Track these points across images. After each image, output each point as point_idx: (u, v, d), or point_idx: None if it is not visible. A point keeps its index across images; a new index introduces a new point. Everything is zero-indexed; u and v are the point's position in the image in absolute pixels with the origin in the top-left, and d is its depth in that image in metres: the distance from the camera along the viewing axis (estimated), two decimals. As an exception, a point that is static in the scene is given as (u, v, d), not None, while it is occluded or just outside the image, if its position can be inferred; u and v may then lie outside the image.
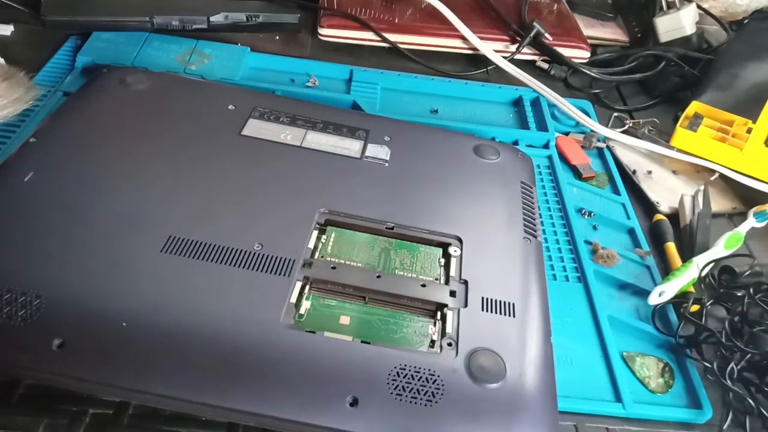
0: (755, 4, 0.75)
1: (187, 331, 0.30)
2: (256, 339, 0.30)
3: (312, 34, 0.64)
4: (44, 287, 0.30)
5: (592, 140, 0.55)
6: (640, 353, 0.39)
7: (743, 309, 0.40)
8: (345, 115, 0.47)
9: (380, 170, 0.42)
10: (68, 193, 0.35)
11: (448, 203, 0.40)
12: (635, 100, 0.65)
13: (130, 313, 0.30)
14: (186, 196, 0.37)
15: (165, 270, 0.32)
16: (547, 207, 0.48)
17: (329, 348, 0.30)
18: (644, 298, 0.41)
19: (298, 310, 0.32)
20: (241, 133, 0.42)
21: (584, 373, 0.37)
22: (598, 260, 0.44)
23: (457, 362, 0.31)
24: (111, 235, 0.33)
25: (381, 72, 0.59)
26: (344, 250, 0.36)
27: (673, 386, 0.37)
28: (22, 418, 0.30)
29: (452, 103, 0.56)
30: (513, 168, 0.45)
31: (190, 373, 0.28)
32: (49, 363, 0.28)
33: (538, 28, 0.63)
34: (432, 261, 0.37)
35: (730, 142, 0.52)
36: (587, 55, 0.66)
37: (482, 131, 0.52)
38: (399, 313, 0.34)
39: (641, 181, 0.52)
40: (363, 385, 0.29)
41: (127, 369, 0.28)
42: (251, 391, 0.28)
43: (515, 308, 0.34)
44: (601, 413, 0.35)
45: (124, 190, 0.36)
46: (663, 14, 0.66)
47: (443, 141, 0.46)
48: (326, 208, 0.38)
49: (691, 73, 0.63)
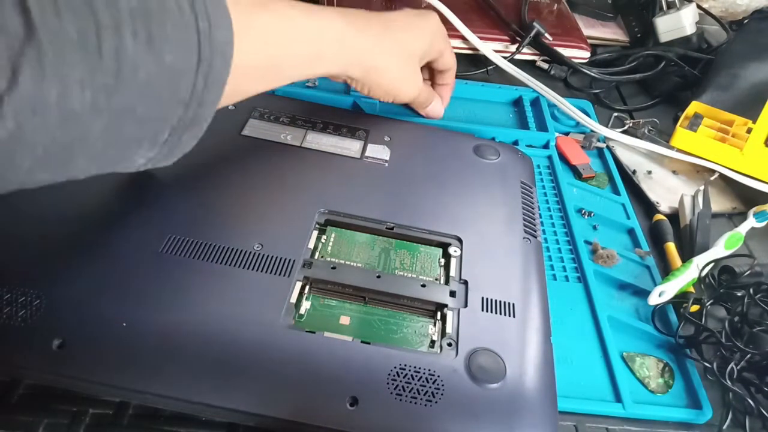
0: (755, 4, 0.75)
1: (187, 331, 0.30)
2: (256, 339, 0.30)
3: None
4: (44, 287, 0.30)
5: (592, 140, 0.55)
6: (640, 353, 0.39)
7: (743, 309, 0.40)
8: (345, 115, 0.48)
9: (380, 170, 0.42)
10: (68, 193, 0.35)
11: (448, 203, 0.40)
12: (635, 100, 0.65)
13: (130, 314, 0.30)
14: (186, 196, 0.37)
15: (165, 270, 0.32)
16: (547, 207, 0.48)
17: (329, 348, 0.30)
18: (644, 298, 0.41)
19: (298, 310, 0.32)
20: (241, 133, 0.42)
21: (584, 373, 0.37)
22: (598, 260, 0.44)
23: (457, 362, 0.31)
24: (111, 235, 0.33)
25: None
26: (344, 250, 0.36)
27: (673, 386, 0.37)
28: (22, 418, 0.30)
29: (452, 103, 0.55)
30: (513, 168, 0.45)
31: (190, 373, 0.28)
32: (49, 363, 0.28)
33: (538, 28, 0.63)
34: (432, 261, 0.37)
35: (730, 142, 0.52)
36: (587, 55, 0.66)
37: (482, 131, 0.52)
38: (399, 313, 0.34)
39: (641, 181, 0.52)
40: (363, 385, 0.29)
41: (127, 369, 0.28)
42: (251, 391, 0.28)
43: (515, 308, 0.34)
44: (601, 413, 0.35)
45: (124, 189, 0.36)
46: (663, 14, 0.66)
47: (443, 141, 0.46)
48: (326, 208, 0.38)
49: (691, 73, 0.63)
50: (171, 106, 0.24)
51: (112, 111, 0.22)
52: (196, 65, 0.24)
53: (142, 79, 0.22)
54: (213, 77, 0.25)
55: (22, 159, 0.21)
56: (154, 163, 0.27)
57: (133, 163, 0.26)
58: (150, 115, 0.24)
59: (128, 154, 0.25)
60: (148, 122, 0.24)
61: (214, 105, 0.26)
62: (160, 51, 0.23)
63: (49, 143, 0.21)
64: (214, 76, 0.25)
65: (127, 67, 0.22)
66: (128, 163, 0.26)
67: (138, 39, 0.22)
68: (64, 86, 0.20)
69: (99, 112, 0.22)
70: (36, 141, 0.21)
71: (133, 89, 0.22)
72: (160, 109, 0.24)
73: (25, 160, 0.21)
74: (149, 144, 0.25)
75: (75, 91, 0.21)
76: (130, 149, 0.25)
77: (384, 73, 0.43)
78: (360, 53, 0.41)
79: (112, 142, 0.24)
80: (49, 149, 0.22)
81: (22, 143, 0.21)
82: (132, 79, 0.22)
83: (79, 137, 0.22)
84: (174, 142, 0.26)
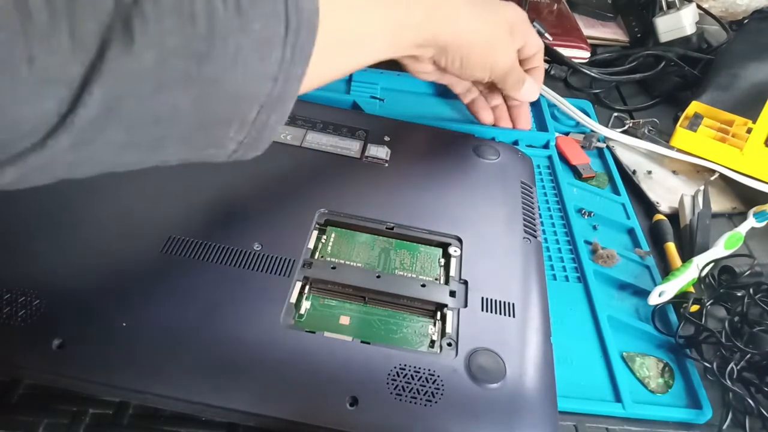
0: (755, 4, 0.75)
1: (187, 331, 0.30)
2: (256, 339, 0.30)
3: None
4: (44, 287, 0.30)
5: (592, 140, 0.55)
6: (640, 353, 0.39)
7: (743, 309, 0.40)
8: (345, 115, 0.48)
9: (380, 170, 0.42)
10: (68, 194, 0.35)
11: (448, 203, 0.40)
12: (635, 100, 0.65)
13: (130, 314, 0.30)
14: (186, 196, 0.37)
15: (165, 270, 0.32)
16: (547, 207, 0.48)
17: (329, 348, 0.30)
18: (644, 298, 0.41)
19: (298, 310, 0.32)
20: (241, 133, 0.42)
21: (584, 373, 0.37)
22: (598, 260, 0.44)
23: (457, 362, 0.31)
24: (111, 235, 0.33)
25: (381, 72, 0.59)
26: (344, 250, 0.36)
27: (673, 386, 0.37)
28: (22, 418, 0.30)
29: (452, 103, 0.56)
30: (513, 168, 0.45)
31: (189, 373, 0.28)
32: (49, 363, 0.28)
33: (538, 28, 0.63)
34: (432, 261, 0.37)
35: (730, 142, 0.52)
36: (587, 55, 0.66)
37: (482, 131, 0.52)
38: (399, 313, 0.34)
39: (641, 181, 0.52)
40: (363, 385, 0.29)
41: (126, 369, 0.28)
42: (251, 391, 0.28)
43: (515, 308, 0.34)
44: (600, 413, 0.35)
45: (124, 190, 0.36)
46: (663, 14, 0.66)
47: (443, 141, 0.46)
48: (326, 208, 0.38)
49: (691, 73, 0.63)
50: (259, 80, 0.24)
51: (202, 82, 0.22)
52: (283, 35, 0.23)
53: (231, 48, 0.22)
54: (299, 49, 0.24)
55: (115, 133, 0.21)
56: (244, 150, 0.26)
57: (225, 150, 0.26)
58: (239, 89, 0.23)
59: (219, 135, 0.24)
60: (237, 97, 0.23)
61: (299, 81, 0.25)
62: (249, 18, 0.22)
63: (140, 116, 0.21)
64: (300, 47, 0.24)
65: (219, 34, 0.21)
66: (219, 149, 0.25)
67: (227, 4, 0.21)
68: (161, 52, 0.20)
69: (190, 82, 0.21)
70: (128, 112, 0.20)
71: (223, 58, 0.22)
72: (248, 83, 0.23)
73: (118, 134, 0.21)
74: (238, 125, 0.24)
75: (170, 57, 0.20)
76: (221, 129, 0.24)
77: (477, 35, 0.39)
78: (449, 14, 0.38)
79: (203, 118, 0.23)
80: (140, 122, 0.21)
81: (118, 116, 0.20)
82: (222, 47, 0.21)
83: (169, 110, 0.22)
84: (262, 122, 0.25)
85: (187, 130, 0.23)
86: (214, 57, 0.21)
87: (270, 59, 0.23)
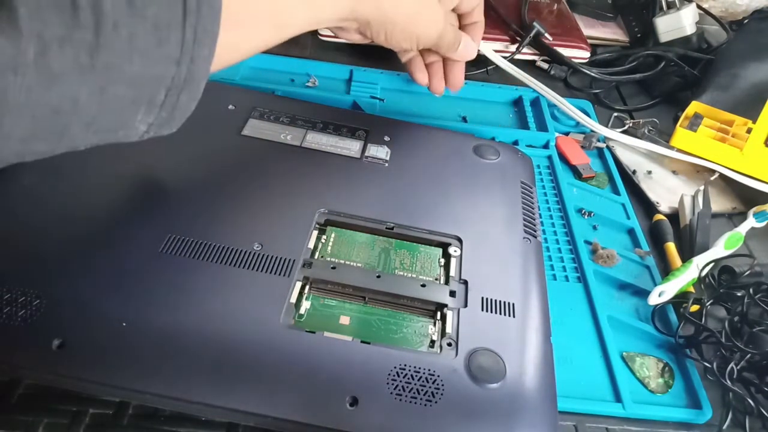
0: (755, 4, 0.75)
1: (187, 331, 0.30)
2: (256, 339, 0.30)
3: (312, 34, 0.64)
4: (44, 287, 0.30)
5: (592, 140, 0.55)
6: (640, 353, 0.39)
7: (743, 309, 0.40)
8: (345, 115, 0.48)
9: (380, 170, 0.42)
10: (68, 193, 0.35)
11: (447, 203, 0.40)
12: (635, 100, 0.65)
13: (130, 314, 0.30)
14: (186, 196, 0.37)
15: (165, 270, 0.32)
16: (547, 207, 0.48)
17: (329, 348, 0.30)
18: (644, 298, 0.41)
19: (298, 310, 0.32)
20: (241, 133, 0.42)
21: (584, 373, 0.37)
22: (597, 260, 0.44)
23: (457, 362, 0.31)
24: (111, 235, 0.33)
25: (381, 72, 0.59)
26: (344, 250, 0.36)
27: (673, 386, 0.37)
28: (22, 418, 0.30)
29: (452, 103, 0.56)
30: (513, 168, 0.45)
31: (189, 373, 0.28)
32: (49, 363, 0.28)
33: (538, 28, 0.63)
34: (432, 261, 0.37)
35: (730, 142, 0.52)
36: (587, 55, 0.66)
37: (482, 131, 0.52)
38: (399, 313, 0.34)
39: (641, 181, 0.52)
40: (363, 385, 0.29)
41: (126, 369, 0.28)
42: (251, 391, 0.28)
43: (515, 308, 0.34)
44: (600, 413, 0.36)
45: (125, 189, 0.36)
46: (663, 14, 0.66)
47: (443, 141, 0.46)
48: (326, 208, 0.38)
49: (691, 73, 0.63)
50: (160, 64, 0.24)
51: (98, 71, 0.22)
52: (182, 17, 0.23)
53: (124, 34, 0.22)
54: (202, 29, 0.24)
55: (11, 127, 0.21)
56: (156, 130, 0.26)
57: (135, 131, 0.26)
58: (140, 74, 0.23)
59: (126, 119, 0.24)
60: (140, 82, 0.23)
61: (207, 61, 0.25)
62: (141, 4, 0.22)
63: (36, 107, 0.21)
64: (203, 27, 0.24)
65: (107, 23, 0.21)
66: (129, 131, 0.25)
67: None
68: (42, 44, 0.20)
69: (84, 71, 0.21)
70: (22, 105, 0.20)
71: (116, 46, 0.22)
72: (149, 67, 0.23)
73: (15, 128, 0.21)
74: (147, 107, 0.24)
75: (53, 48, 0.20)
76: (128, 113, 0.24)
77: (399, 9, 0.39)
78: None
79: (106, 105, 0.23)
80: (38, 115, 0.21)
81: (7, 108, 0.20)
82: (113, 35, 0.21)
83: (68, 100, 0.22)
84: (172, 103, 0.25)
85: (92, 117, 0.23)
86: (105, 46, 0.21)
87: (169, 43, 0.23)
